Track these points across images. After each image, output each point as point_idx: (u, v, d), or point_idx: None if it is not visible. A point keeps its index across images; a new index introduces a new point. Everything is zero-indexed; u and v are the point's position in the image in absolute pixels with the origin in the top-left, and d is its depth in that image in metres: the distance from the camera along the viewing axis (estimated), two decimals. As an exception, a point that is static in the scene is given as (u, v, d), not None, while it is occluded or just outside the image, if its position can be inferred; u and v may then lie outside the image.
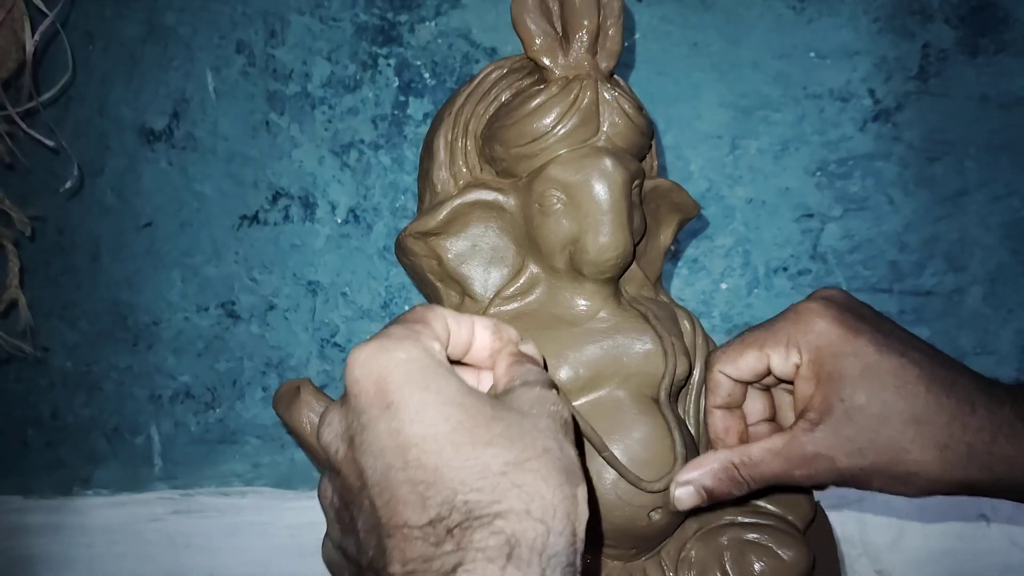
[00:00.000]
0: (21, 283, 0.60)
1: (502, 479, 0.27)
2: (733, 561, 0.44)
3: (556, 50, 0.42)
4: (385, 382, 0.28)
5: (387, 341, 0.29)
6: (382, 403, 0.28)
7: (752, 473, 0.38)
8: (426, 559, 0.26)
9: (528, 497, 0.26)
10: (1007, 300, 0.66)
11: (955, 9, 0.64)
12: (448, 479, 0.26)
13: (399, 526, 0.26)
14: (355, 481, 0.28)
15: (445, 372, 0.29)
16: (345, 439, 0.29)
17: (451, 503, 0.26)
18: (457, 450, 0.27)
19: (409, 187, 0.64)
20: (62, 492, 0.68)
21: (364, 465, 0.28)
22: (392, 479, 0.27)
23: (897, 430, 0.35)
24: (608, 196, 0.41)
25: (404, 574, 0.26)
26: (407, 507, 0.26)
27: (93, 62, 0.64)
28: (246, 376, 0.66)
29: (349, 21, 0.63)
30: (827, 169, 0.65)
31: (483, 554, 0.25)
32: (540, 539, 0.26)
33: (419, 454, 0.27)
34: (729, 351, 0.40)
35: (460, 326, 0.32)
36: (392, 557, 0.26)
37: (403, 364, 0.28)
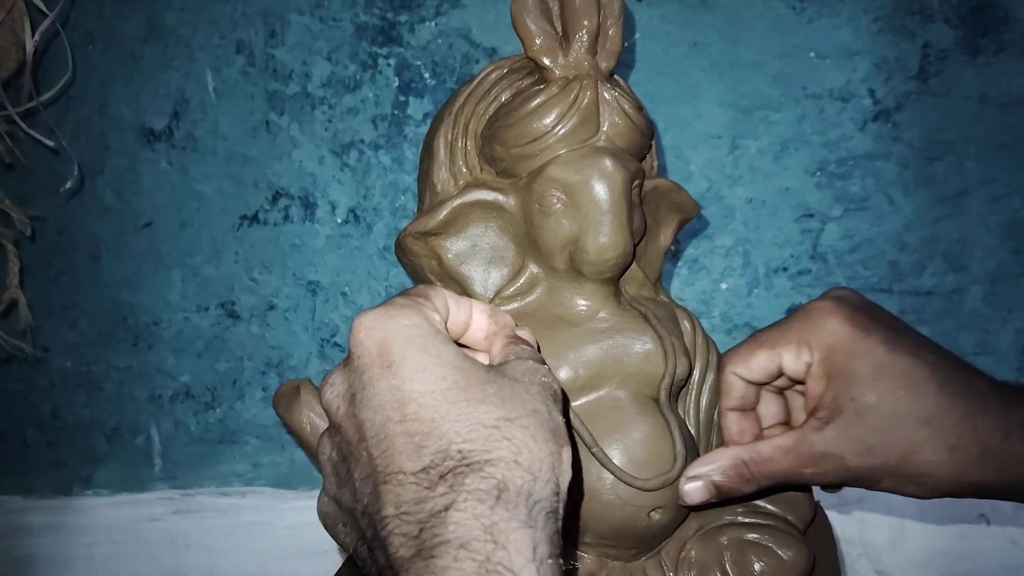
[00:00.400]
0: (21, 283, 0.60)
1: (493, 431, 0.28)
2: (733, 561, 0.44)
3: (556, 50, 0.42)
4: (387, 344, 0.30)
5: (391, 308, 0.31)
6: (383, 363, 0.30)
7: (761, 470, 0.38)
8: (418, 501, 0.27)
9: (517, 449, 0.28)
10: (1007, 300, 0.66)
11: (955, 9, 0.64)
12: (442, 431, 0.28)
13: (394, 473, 0.28)
14: (354, 435, 0.30)
15: (444, 339, 0.31)
16: (346, 397, 0.31)
17: (444, 452, 0.28)
18: (452, 406, 0.29)
19: (409, 187, 0.64)
20: (62, 492, 0.68)
21: (363, 419, 0.29)
22: (389, 431, 0.28)
23: (908, 430, 0.35)
24: (608, 196, 0.41)
25: (396, 515, 0.27)
26: (402, 456, 0.28)
27: (93, 62, 0.64)
28: (246, 376, 0.66)
29: (349, 21, 0.63)
30: (827, 169, 0.65)
31: (473, 496, 0.27)
32: (527, 485, 0.27)
33: (416, 408, 0.29)
34: (740, 352, 0.40)
35: (459, 307, 0.34)
36: (386, 501, 0.28)
37: (405, 329, 0.30)
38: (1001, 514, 0.66)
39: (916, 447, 0.35)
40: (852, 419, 0.36)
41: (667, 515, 0.42)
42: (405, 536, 0.27)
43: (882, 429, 0.35)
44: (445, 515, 0.26)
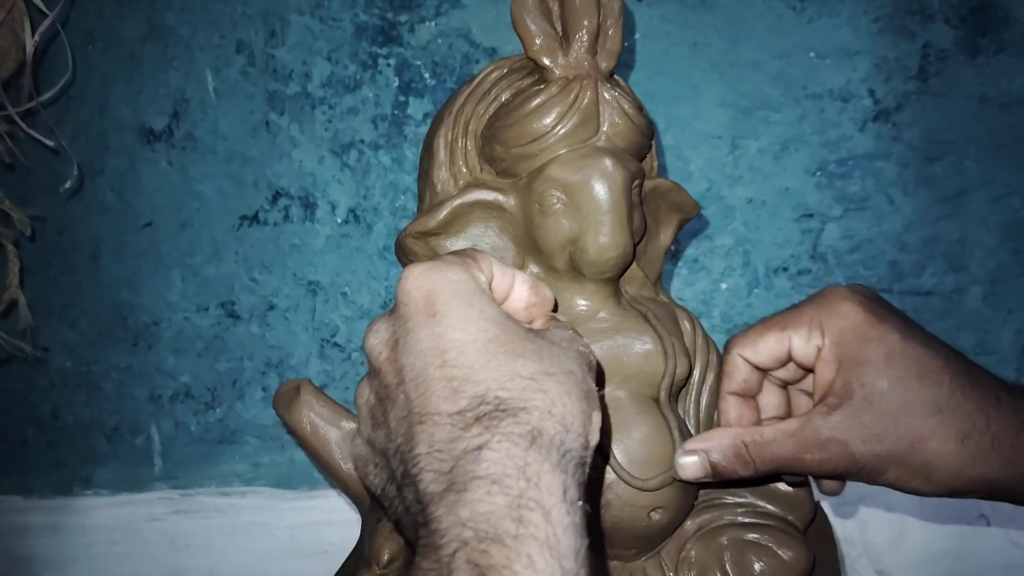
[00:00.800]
0: (21, 283, 0.60)
1: (530, 383, 0.29)
2: (733, 561, 0.44)
3: (556, 50, 0.42)
4: (434, 295, 0.31)
5: (440, 263, 0.32)
6: (428, 312, 0.31)
7: (762, 453, 0.37)
8: (452, 440, 0.28)
9: (551, 401, 0.29)
10: (1007, 300, 0.66)
11: (955, 9, 0.64)
12: (480, 378, 0.29)
13: (430, 414, 0.29)
14: (393, 379, 0.31)
15: (488, 298, 0.32)
16: (389, 343, 0.32)
17: (481, 397, 0.29)
18: (492, 357, 0.30)
19: (409, 187, 0.64)
20: (62, 492, 0.68)
21: (403, 364, 0.31)
22: (428, 375, 0.30)
23: (918, 417, 0.34)
24: (608, 196, 0.41)
25: (429, 452, 0.28)
26: (439, 398, 0.29)
27: (93, 62, 0.64)
28: (246, 376, 0.66)
29: (349, 21, 0.63)
30: (827, 169, 0.65)
31: (508, 438, 0.28)
32: (559, 435, 0.28)
33: (456, 355, 0.30)
34: (749, 334, 0.40)
35: (503, 275, 0.35)
36: (420, 440, 0.29)
37: (452, 283, 0.32)
38: (1001, 514, 0.66)
39: (926, 435, 0.34)
40: (861, 405, 0.35)
41: (667, 515, 0.42)
42: (437, 472, 0.28)
43: (892, 416, 0.35)
44: (479, 453, 0.27)
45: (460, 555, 0.25)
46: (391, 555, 0.42)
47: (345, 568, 0.48)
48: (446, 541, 0.26)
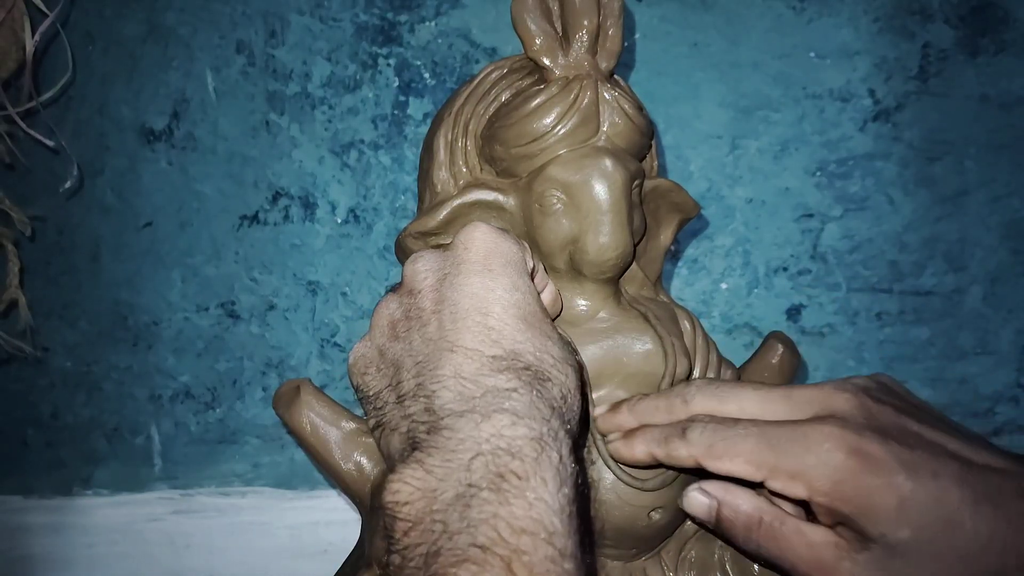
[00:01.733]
0: (21, 283, 0.60)
1: (557, 364, 0.33)
2: (733, 561, 0.44)
3: (556, 50, 0.42)
4: (492, 255, 0.34)
5: (505, 233, 0.36)
6: (485, 265, 0.34)
7: (771, 541, 0.34)
8: (480, 375, 0.30)
9: (568, 388, 0.32)
10: (1007, 300, 0.66)
11: (955, 9, 0.64)
12: (517, 339, 0.32)
13: (464, 347, 0.31)
14: (430, 305, 0.33)
15: (530, 281, 0.36)
16: (437, 273, 0.35)
17: (516, 355, 0.31)
18: (528, 328, 0.33)
19: (409, 187, 0.64)
20: (62, 492, 0.68)
21: (446, 296, 0.33)
22: (471, 318, 0.32)
23: (947, 564, 0.31)
24: (608, 196, 0.41)
25: (454, 376, 0.30)
26: (476, 339, 0.32)
27: (93, 62, 0.64)
28: (246, 376, 0.66)
29: (349, 21, 0.63)
30: (827, 169, 0.65)
31: (536, 394, 0.30)
32: (568, 413, 0.32)
33: (501, 311, 0.32)
34: (716, 449, 0.34)
35: (541, 272, 0.39)
36: (446, 362, 0.31)
37: (512, 252, 0.35)
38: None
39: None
40: (886, 554, 0.31)
41: (667, 515, 0.42)
42: (458, 394, 0.30)
43: (921, 565, 0.31)
44: (508, 394, 0.30)
45: (479, 460, 0.27)
46: (391, 555, 0.42)
47: (345, 568, 0.48)
48: (464, 448, 0.28)
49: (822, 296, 0.66)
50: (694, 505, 0.36)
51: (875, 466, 0.31)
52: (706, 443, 0.34)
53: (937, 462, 0.31)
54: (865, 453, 0.31)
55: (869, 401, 0.34)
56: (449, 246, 0.36)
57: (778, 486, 0.33)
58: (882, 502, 0.31)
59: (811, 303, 0.66)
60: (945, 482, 0.31)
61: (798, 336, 0.65)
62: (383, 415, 0.33)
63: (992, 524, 0.30)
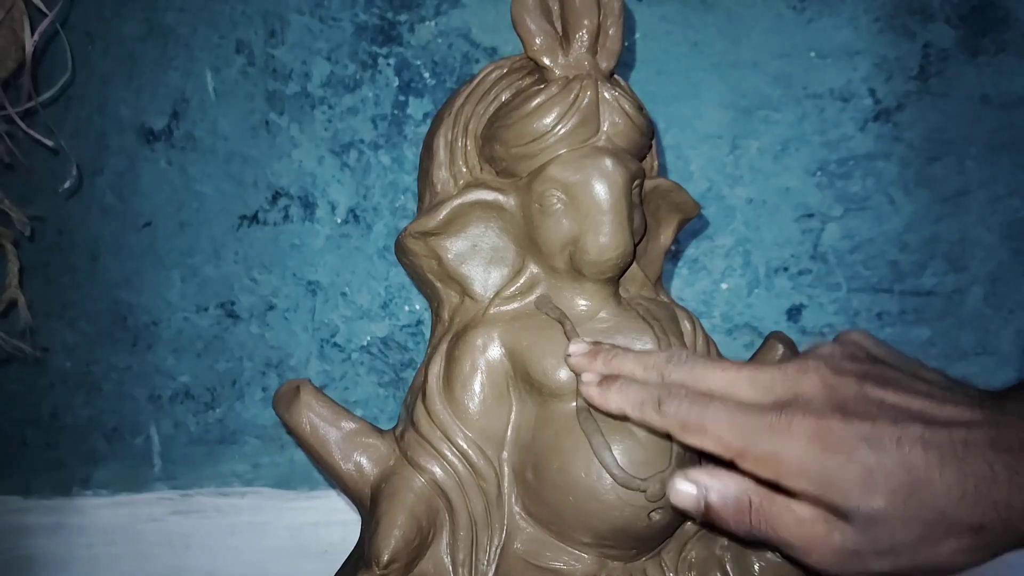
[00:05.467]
0: (21, 283, 0.60)
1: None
2: (733, 561, 0.44)
3: (556, 50, 0.42)
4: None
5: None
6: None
7: (763, 522, 0.34)
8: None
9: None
10: (1008, 300, 0.66)
11: (955, 9, 0.64)
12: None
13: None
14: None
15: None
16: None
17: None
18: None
19: (409, 187, 0.64)
20: (62, 492, 0.68)
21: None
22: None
23: (930, 525, 0.31)
24: (608, 196, 0.41)
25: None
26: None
27: (93, 62, 0.63)
28: (246, 376, 0.66)
29: (349, 21, 0.63)
30: (827, 169, 0.65)
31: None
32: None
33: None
34: (689, 426, 0.35)
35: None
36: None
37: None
38: (1001, 514, 0.66)
39: (939, 538, 0.31)
40: (867, 523, 0.32)
41: (667, 515, 0.42)
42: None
43: (903, 529, 0.31)
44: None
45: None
46: (391, 555, 0.42)
47: (345, 568, 0.48)
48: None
49: (823, 296, 0.66)
50: (681, 496, 0.35)
51: (836, 445, 0.32)
52: (680, 419, 0.35)
53: (899, 428, 0.32)
54: (825, 435, 0.32)
55: (830, 376, 0.34)
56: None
57: (748, 467, 0.34)
58: (848, 477, 0.32)
59: (811, 303, 0.66)
60: (908, 447, 0.31)
61: (798, 336, 0.65)
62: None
63: (962, 480, 0.31)
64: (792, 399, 0.34)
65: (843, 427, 0.32)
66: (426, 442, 0.44)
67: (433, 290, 0.47)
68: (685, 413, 0.35)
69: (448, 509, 0.44)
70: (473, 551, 0.43)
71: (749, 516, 0.34)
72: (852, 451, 0.32)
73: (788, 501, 0.33)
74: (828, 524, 0.32)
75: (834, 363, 0.35)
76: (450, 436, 0.44)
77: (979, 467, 0.31)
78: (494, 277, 0.45)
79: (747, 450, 0.33)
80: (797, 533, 0.33)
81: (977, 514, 0.31)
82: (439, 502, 0.44)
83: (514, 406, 0.44)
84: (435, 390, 0.44)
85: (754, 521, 0.34)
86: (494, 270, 0.45)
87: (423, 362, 0.47)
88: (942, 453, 0.31)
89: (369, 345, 0.65)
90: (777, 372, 0.35)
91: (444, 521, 0.44)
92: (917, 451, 0.31)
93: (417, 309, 0.65)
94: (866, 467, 0.31)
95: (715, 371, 0.36)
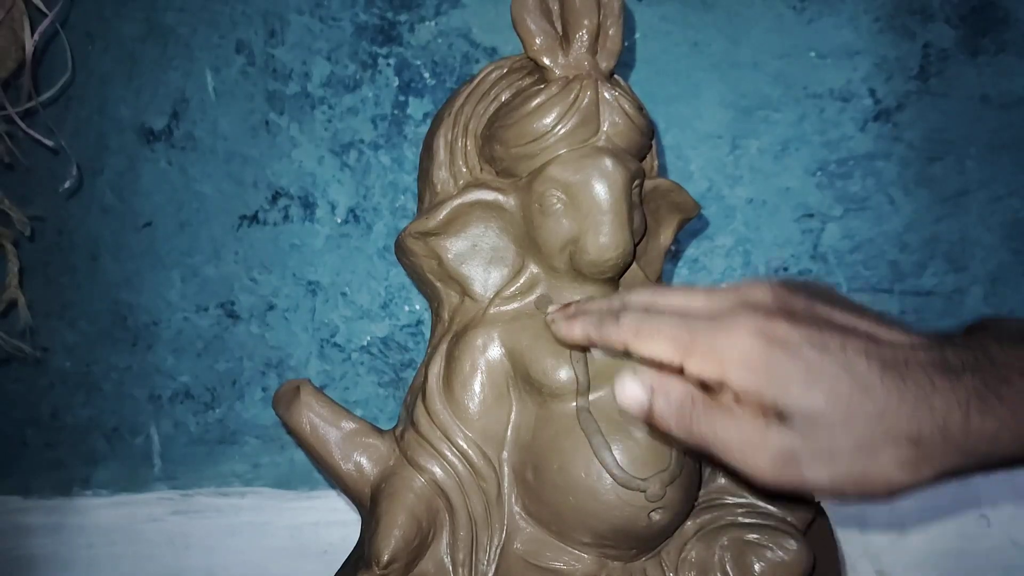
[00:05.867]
0: (21, 283, 0.60)
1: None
2: (733, 561, 0.44)
3: (556, 50, 0.42)
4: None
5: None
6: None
7: (703, 426, 0.34)
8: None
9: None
10: (1008, 300, 0.66)
11: (955, 9, 0.64)
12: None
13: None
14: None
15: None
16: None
17: None
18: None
19: (409, 187, 0.64)
20: (62, 492, 0.68)
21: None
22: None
23: (868, 429, 0.32)
24: (608, 196, 0.41)
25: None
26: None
27: (93, 62, 0.63)
28: (246, 376, 0.66)
29: (349, 21, 0.63)
30: (827, 169, 0.65)
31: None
32: None
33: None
34: (642, 331, 0.35)
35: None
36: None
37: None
38: (1002, 514, 0.66)
39: (877, 446, 0.32)
40: (807, 423, 0.32)
41: (667, 515, 0.42)
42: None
43: (841, 431, 0.32)
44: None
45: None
46: (391, 555, 0.42)
47: (345, 568, 0.48)
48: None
49: (822, 296, 0.66)
50: (627, 394, 0.35)
51: (782, 342, 0.32)
52: (635, 326, 0.36)
53: (844, 337, 0.33)
54: (771, 332, 0.33)
55: (783, 291, 0.35)
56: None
57: (695, 367, 0.34)
58: (790, 371, 0.32)
59: (811, 303, 0.66)
60: (852, 353, 0.32)
61: (798, 336, 0.65)
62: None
63: (901, 389, 0.31)
64: (742, 304, 0.34)
65: (789, 328, 0.33)
66: (426, 442, 0.44)
67: (433, 290, 0.47)
68: (640, 321, 0.36)
69: (448, 509, 0.44)
70: (473, 551, 0.43)
71: (691, 418, 0.34)
72: (796, 349, 0.32)
73: (730, 405, 0.34)
74: (766, 425, 0.33)
75: (788, 284, 0.36)
76: (450, 436, 0.44)
77: (920, 379, 0.32)
78: (494, 277, 0.45)
79: (694, 345, 0.34)
80: (736, 436, 0.33)
81: (915, 423, 0.31)
82: (439, 502, 0.44)
83: (514, 406, 0.44)
84: (435, 390, 0.44)
85: (695, 424, 0.34)
86: (494, 270, 0.45)
87: (423, 362, 0.47)
88: (884, 363, 0.32)
89: (369, 345, 0.65)
90: (730, 287, 0.36)
91: (444, 521, 0.44)
92: (860, 359, 0.32)
93: (417, 309, 0.65)
94: (808, 364, 0.32)
95: (672, 292, 0.37)
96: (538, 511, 0.43)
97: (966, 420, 0.31)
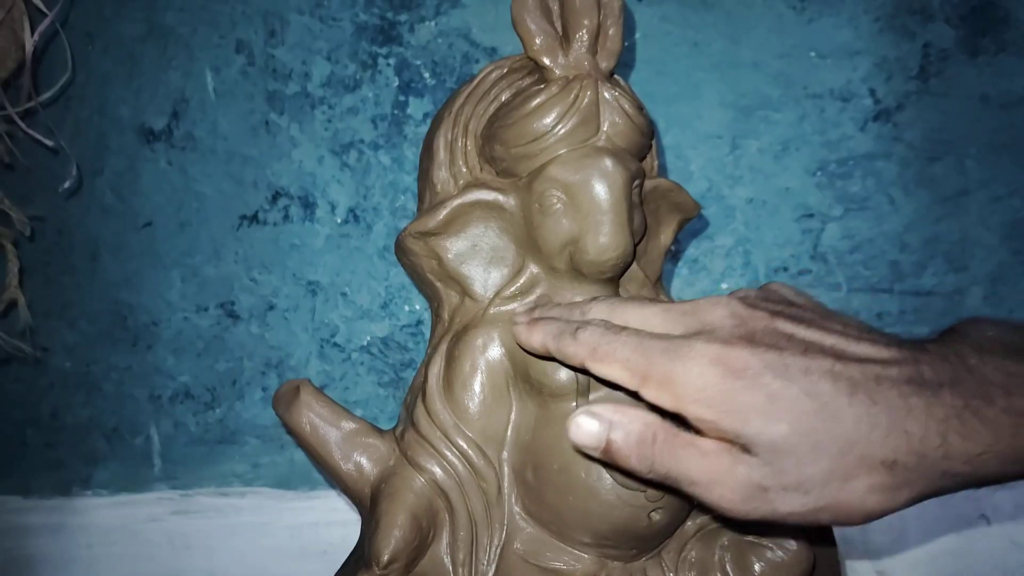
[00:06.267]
0: (21, 283, 0.60)
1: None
2: (733, 561, 0.44)
3: (556, 50, 0.42)
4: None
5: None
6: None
7: (667, 458, 0.32)
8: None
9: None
10: (1008, 300, 0.66)
11: (956, 9, 0.64)
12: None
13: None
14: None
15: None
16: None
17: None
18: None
19: (409, 187, 0.64)
20: (62, 492, 0.68)
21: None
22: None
23: (835, 456, 0.29)
24: (608, 196, 0.41)
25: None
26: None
27: (93, 62, 0.64)
28: (246, 376, 0.66)
29: (349, 21, 0.63)
30: (827, 169, 0.65)
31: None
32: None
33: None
34: (599, 351, 0.34)
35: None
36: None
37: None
38: (1002, 514, 0.66)
39: (850, 473, 0.29)
40: (772, 452, 0.30)
41: (667, 515, 0.42)
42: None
43: (810, 459, 0.30)
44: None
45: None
46: (391, 555, 0.42)
47: (345, 568, 0.48)
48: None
49: (822, 296, 0.66)
50: (583, 432, 0.33)
51: (739, 371, 0.30)
52: (592, 344, 0.34)
53: (808, 360, 0.31)
54: (729, 361, 0.31)
55: (741, 309, 0.33)
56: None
57: (651, 395, 0.32)
58: (750, 402, 0.30)
59: (811, 303, 0.66)
60: (816, 377, 0.30)
61: (798, 336, 0.65)
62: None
63: (873, 411, 0.29)
64: (700, 328, 0.33)
65: (747, 354, 0.31)
66: (426, 442, 0.44)
67: (433, 290, 0.47)
68: (597, 339, 0.34)
69: (448, 509, 0.44)
70: (473, 551, 0.43)
71: (652, 450, 0.32)
72: (756, 377, 0.30)
73: (692, 436, 0.32)
74: (732, 457, 0.31)
75: (747, 300, 0.34)
76: (450, 436, 0.44)
77: (892, 400, 0.30)
78: (494, 277, 0.45)
79: (650, 373, 0.32)
80: (700, 467, 0.31)
81: (889, 447, 0.29)
82: (439, 502, 0.44)
83: (514, 406, 0.44)
84: (435, 390, 0.44)
85: (657, 455, 0.32)
86: (494, 270, 0.45)
87: (423, 362, 0.47)
88: (853, 384, 0.30)
89: (369, 345, 0.65)
90: (688, 306, 0.35)
91: (444, 521, 0.44)
92: (826, 382, 0.30)
93: (417, 309, 0.65)
94: (769, 392, 0.30)
95: (631, 307, 0.36)
96: (538, 511, 0.43)
97: (944, 443, 0.29)
